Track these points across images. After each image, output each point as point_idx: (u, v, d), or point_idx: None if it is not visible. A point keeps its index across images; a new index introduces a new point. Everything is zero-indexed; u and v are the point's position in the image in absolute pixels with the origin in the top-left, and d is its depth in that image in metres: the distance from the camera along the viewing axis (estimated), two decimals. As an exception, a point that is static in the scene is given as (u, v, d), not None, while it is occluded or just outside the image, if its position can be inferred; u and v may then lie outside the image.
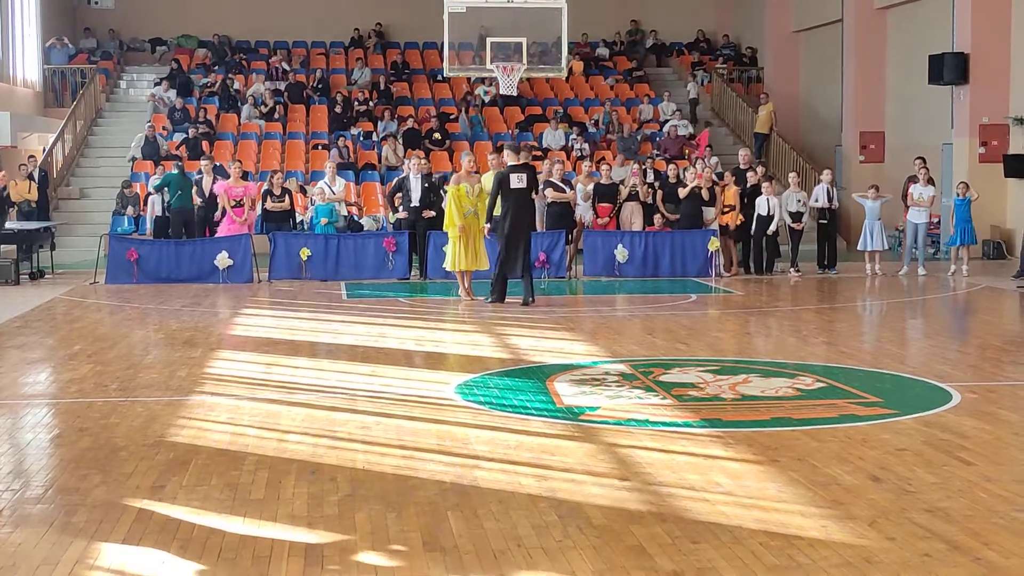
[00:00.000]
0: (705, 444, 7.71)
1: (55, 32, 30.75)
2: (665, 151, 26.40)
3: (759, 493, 6.51)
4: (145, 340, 13.15)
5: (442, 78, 29.31)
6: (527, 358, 11.35)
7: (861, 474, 6.88)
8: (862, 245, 20.07)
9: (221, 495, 6.55)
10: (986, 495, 6.45)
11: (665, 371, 10.50)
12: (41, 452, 7.71)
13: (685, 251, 19.62)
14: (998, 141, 22.68)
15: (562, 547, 5.57)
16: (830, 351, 11.92)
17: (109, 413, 8.73)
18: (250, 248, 19.05)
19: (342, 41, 32.95)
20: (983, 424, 8.27)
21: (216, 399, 9.43)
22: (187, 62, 31.41)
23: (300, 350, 11.98)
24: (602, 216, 20.17)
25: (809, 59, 30.34)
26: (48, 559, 5.45)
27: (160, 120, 27.42)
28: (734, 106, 30.14)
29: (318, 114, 28.65)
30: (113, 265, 18.91)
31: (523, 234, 15.43)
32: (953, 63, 22.75)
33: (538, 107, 29.47)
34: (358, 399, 9.34)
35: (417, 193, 19.28)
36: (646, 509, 6.21)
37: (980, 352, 11.93)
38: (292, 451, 7.57)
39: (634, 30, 34.23)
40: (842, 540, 5.67)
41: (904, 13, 25.92)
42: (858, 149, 26.78)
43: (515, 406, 9.00)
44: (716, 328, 14.25)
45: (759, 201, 19.77)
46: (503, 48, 19.36)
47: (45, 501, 6.46)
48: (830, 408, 8.89)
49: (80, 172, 26.97)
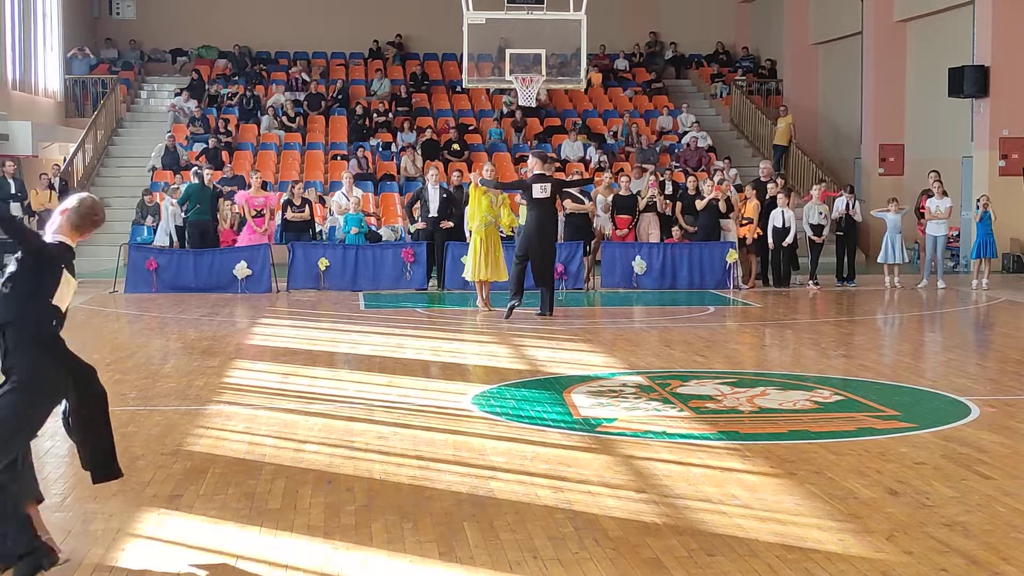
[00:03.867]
0: (722, 456, 7.70)
1: (77, 42, 30.93)
2: (684, 163, 26.39)
3: (776, 506, 6.49)
4: (164, 349, 13.20)
5: (461, 89, 29.37)
6: (544, 369, 11.35)
7: (879, 488, 6.86)
8: (882, 258, 20.01)
9: (238, 504, 6.56)
10: (1005, 509, 6.42)
11: (682, 383, 10.48)
12: (59, 460, 7.73)
13: (703, 263, 19.59)
14: (1018, 154, 22.59)
15: (578, 559, 5.57)
16: (848, 364, 11.88)
17: (127, 422, 8.76)
18: (269, 258, 19.10)
19: (362, 52, 33.04)
20: (1002, 438, 8.23)
21: (234, 408, 9.45)
22: (207, 73, 31.54)
23: (318, 360, 12.01)
24: (621, 228, 20.16)
25: (828, 71, 30.28)
26: (66, 567, 5.48)
27: (180, 130, 27.52)
28: (753, 118, 30.11)
29: (337, 125, 28.72)
30: (132, 274, 18.99)
31: (546, 244, 15.37)
32: (973, 76, 22.68)
33: (557, 119, 29.49)
34: (375, 409, 9.35)
35: (435, 204, 19.31)
36: (662, 521, 6.20)
37: (999, 366, 11.88)
38: (309, 461, 7.59)
39: (653, 42, 34.24)
40: (859, 554, 5.65)
41: (924, 26, 25.85)
42: (877, 162, 26.70)
43: (532, 417, 8.99)
44: (734, 340, 14.22)
45: (774, 214, 19.73)
46: (522, 60, 19.38)
47: (63, 510, 6.49)
48: (848, 421, 8.87)
49: (100, 182, 27.06)
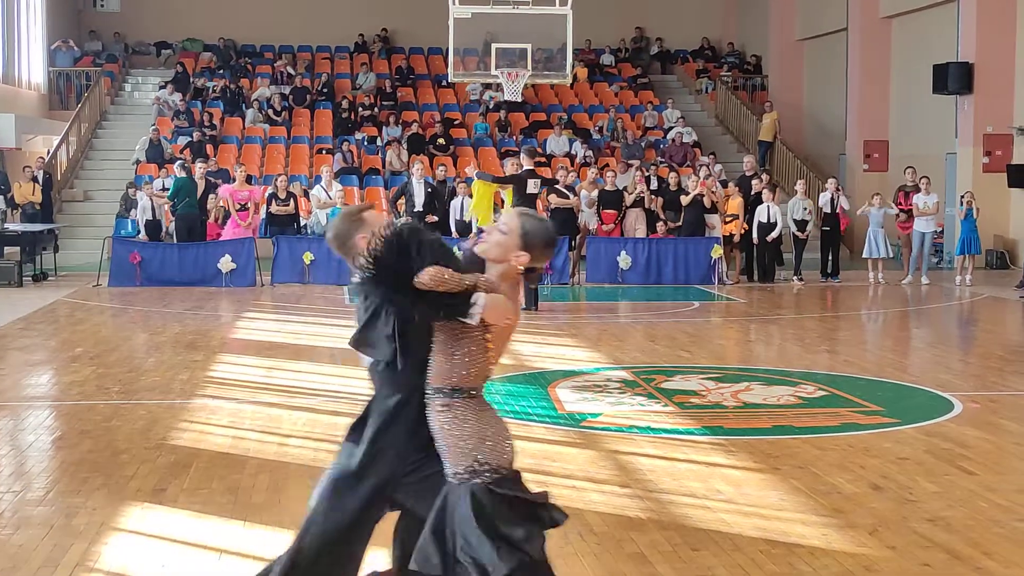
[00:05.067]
0: (707, 451, 7.71)
1: (60, 35, 30.79)
2: (669, 158, 26.40)
3: (760, 501, 6.50)
4: (147, 343, 13.16)
5: (447, 83, 29.33)
6: (529, 364, 11.35)
7: (862, 483, 6.88)
8: (866, 253, 20.06)
9: (222, 499, 6.55)
10: (987, 505, 6.44)
11: (667, 378, 10.49)
12: (43, 454, 7.71)
13: (688, 258, 19.61)
14: (1002, 151, 22.66)
15: (563, 553, 5.57)
16: (832, 359, 11.91)
17: (111, 416, 8.74)
18: (253, 252, 19.05)
19: (347, 46, 32.97)
20: (985, 434, 8.26)
21: (218, 403, 9.43)
22: (192, 65, 31.44)
23: (302, 354, 11.98)
24: (607, 223, 20.17)
25: (813, 67, 30.32)
26: (49, 561, 5.46)
27: (165, 123, 27.43)
28: (738, 114, 30.14)
29: (322, 118, 28.65)
30: (116, 268, 18.92)
31: None
32: (957, 72, 22.74)
33: (543, 113, 29.48)
34: (360, 403, 9.31)
35: (421, 198, 19.29)
36: (647, 516, 6.21)
37: (982, 362, 11.92)
38: (293, 455, 7.58)
39: (639, 37, 34.23)
40: (843, 549, 5.66)
41: (909, 22, 25.90)
42: (862, 158, 26.75)
43: (517, 412, 8.99)
44: (718, 336, 14.24)
45: (759, 209, 19.76)
46: (508, 54, 19.38)
47: (46, 503, 6.46)
48: (832, 416, 8.89)
49: (84, 175, 26.96)
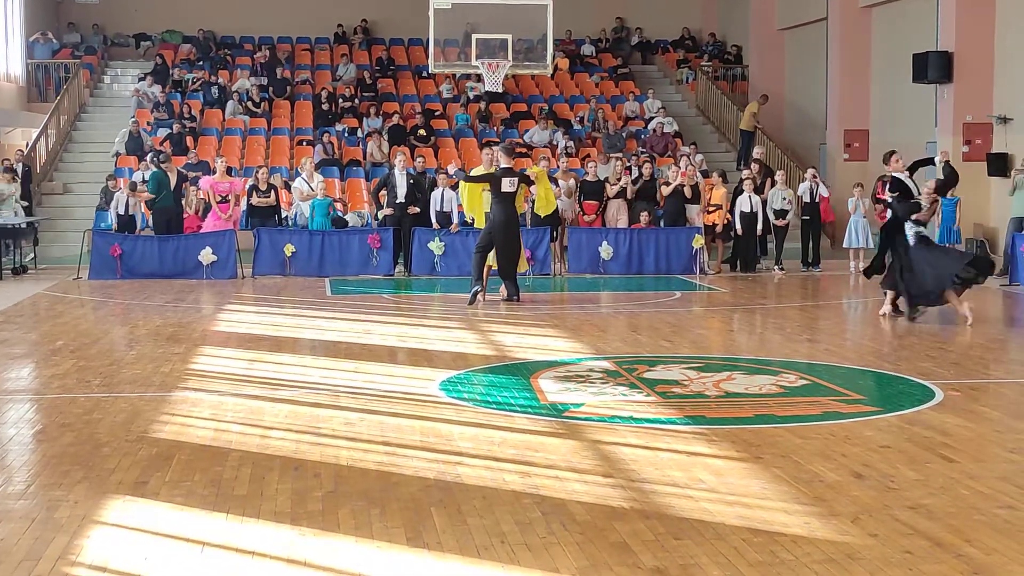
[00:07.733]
0: (689, 441, 7.73)
1: (39, 26, 30.60)
2: (651, 148, 26.40)
3: (742, 490, 6.52)
4: (128, 336, 13.11)
5: (427, 74, 29.28)
6: (511, 355, 11.35)
7: (844, 471, 6.90)
8: (847, 242, 20.13)
9: (204, 491, 6.53)
10: (968, 492, 6.47)
11: (649, 368, 10.51)
12: (23, 447, 7.68)
13: (670, 248, 19.64)
14: (982, 140, 22.72)
15: (545, 543, 5.58)
16: (814, 348, 11.95)
17: (92, 409, 8.71)
18: (234, 244, 18.99)
19: (327, 37, 32.87)
20: (966, 422, 8.29)
21: (199, 395, 9.41)
22: (171, 57, 31.29)
23: (284, 346, 11.96)
24: (588, 213, 20.17)
25: (794, 57, 30.37)
26: (30, 554, 5.44)
27: (144, 115, 27.30)
28: (719, 104, 30.18)
29: (303, 110, 28.55)
30: (96, 261, 18.83)
31: (511, 238, 15.41)
32: (937, 62, 22.79)
33: (523, 104, 29.44)
34: (341, 395, 9.32)
35: (403, 189, 19.28)
36: (629, 506, 6.22)
37: (963, 350, 11.97)
38: (275, 447, 7.56)
39: (619, 27, 34.23)
40: (825, 537, 5.68)
41: (888, 12, 25.96)
42: (842, 147, 26.81)
43: (499, 403, 9.00)
44: (700, 325, 14.27)
45: (740, 199, 19.81)
46: (488, 45, 19.37)
47: (27, 497, 6.44)
48: (813, 405, 8.92)
49: (63, 167, 26.81)
